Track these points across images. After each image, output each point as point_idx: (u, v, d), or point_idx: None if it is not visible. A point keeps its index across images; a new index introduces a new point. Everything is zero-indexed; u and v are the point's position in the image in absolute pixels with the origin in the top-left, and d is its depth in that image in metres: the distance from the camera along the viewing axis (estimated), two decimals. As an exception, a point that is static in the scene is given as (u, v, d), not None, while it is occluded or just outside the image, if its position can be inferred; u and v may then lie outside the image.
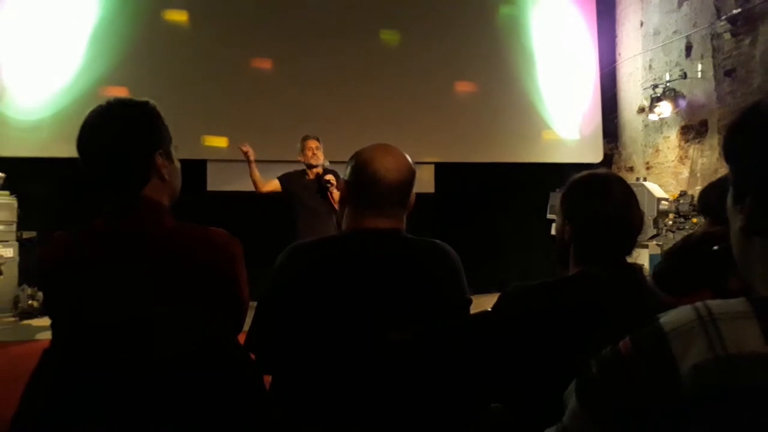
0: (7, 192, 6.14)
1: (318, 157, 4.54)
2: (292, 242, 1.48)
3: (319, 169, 4.54)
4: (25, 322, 5.75)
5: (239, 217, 5.27)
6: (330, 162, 4.72)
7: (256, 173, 4.61)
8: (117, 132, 1.30)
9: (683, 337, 0.62)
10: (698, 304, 0.65)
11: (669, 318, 0.65)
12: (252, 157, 4.56)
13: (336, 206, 4.20)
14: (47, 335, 1.33)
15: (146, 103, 1.35)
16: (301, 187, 4.56)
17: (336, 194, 4.31)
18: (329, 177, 4.41)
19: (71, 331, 1.27)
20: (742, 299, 0.63)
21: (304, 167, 4.60)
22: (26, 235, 6.25)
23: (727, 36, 6.04)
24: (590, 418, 0.69)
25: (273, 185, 4.64)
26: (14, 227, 6.20)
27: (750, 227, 0.68)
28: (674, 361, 0.61)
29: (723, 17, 6.03)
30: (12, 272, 6.03)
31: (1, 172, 5.89)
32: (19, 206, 6.24)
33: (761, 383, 0.58)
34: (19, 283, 6.02)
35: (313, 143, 4.55)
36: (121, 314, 1.22)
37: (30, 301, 5.80)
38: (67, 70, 6.47)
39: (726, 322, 0.61)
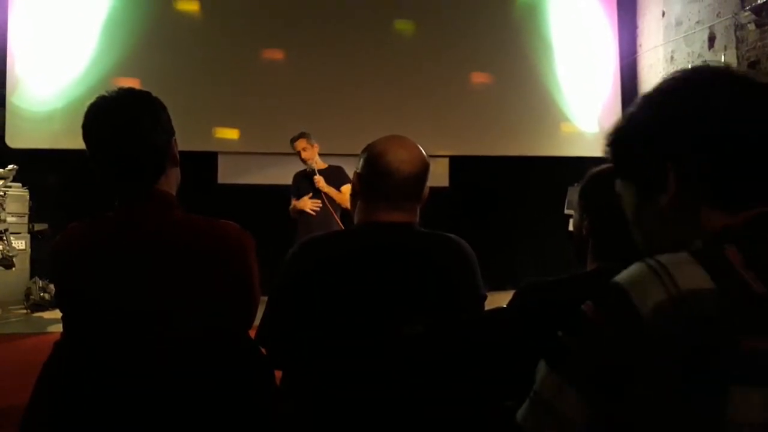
0: (19, 184, 6.17)
1: (310, 155, 4.60)
2: (294, 238, 1.44)
3: (319, 164, 4.63)
4: (37, 314, 5.79)
5: (250, 210, 5.25)
6: (342, 155, 4.68)
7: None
8: (139, 118, 1.28)
9: (639, 286, 0.68)
10: (647, 259, 0.70)
11: (624, 275, 0.71)
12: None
13: (329, 203, 4.45)
14: (59, 328, 1.34)
15: (149, 93, 1.36)
16: (299, 184, 4.66)
17: (327, 189, 4.48)
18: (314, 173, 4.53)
19: (82, 323, 1.28)
20: (683, 253, 0.70)
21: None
22: (38, 227, 6.28)
23: (752, 27, 5.90)
24: (568, 385, 0.71)
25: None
26: (26, 219, 6.24)
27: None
28: (635, 309, 0.66)
29: (747, 7, 5.89)
30: (24, 264, 6.06)
31: (14, 164, 5.89)
32: (31, 198, 6.29)
33: (710, 314, 0.64)
34: (31, 276, 6.06)
35: (299, 144, 4.61)
36: (132, 307, 1.23)
37: (42, 294, 5.83)
38: (78, 62, 6.48)
39: (675, 267, 0.68)
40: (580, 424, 0.69)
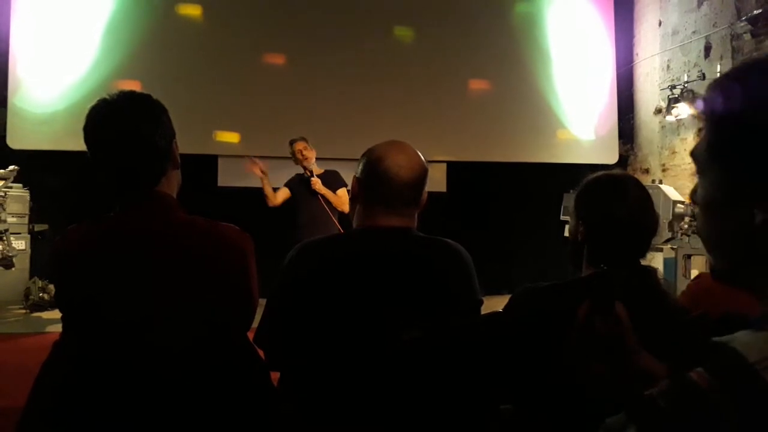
0: (19, 185, 6.17)
1: (308, 156, 4.64)
2: (293, 241, 1.46)
3: (315, 169, 4.66)
4: (36, 314, 5.77)
5: (250, 213, 5.26)
6: (341, 159, 4.71)
7: (269, 188, 4.70)
8: (140, 121, 1.29)
9: None
10: None
11: (748, 346, 0.60)
12: (264, 172, 4.64)
13: (327, 206, 4.48)
14: (57, 328, 1.34)
15: (150, 95, 1.37)
16: (300, 187, 4.68)
17: (324, 191, 4.51)
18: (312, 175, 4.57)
19: (82, 324, 1.28)
20: None
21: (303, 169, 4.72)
22: (38, 227, 6.29)
23: (747, 37, 5.94)
24: None
25: (284, 194, 4.74)
26: (26, 220, 6.24)
27: None
28: None
29: (743, 17, 5.93)
30: (23, 265, 6.06)
31: (15, 164, 5.91)
32: (32, 199, 6.29)
33: None
34: (31, 276, 6.05)
35: (299, 145, 4.66)
36: (132, 308, 1.23)
37: (41, 294, 5.82)
38: (80, 64, 6.50)
39: None
40: None
